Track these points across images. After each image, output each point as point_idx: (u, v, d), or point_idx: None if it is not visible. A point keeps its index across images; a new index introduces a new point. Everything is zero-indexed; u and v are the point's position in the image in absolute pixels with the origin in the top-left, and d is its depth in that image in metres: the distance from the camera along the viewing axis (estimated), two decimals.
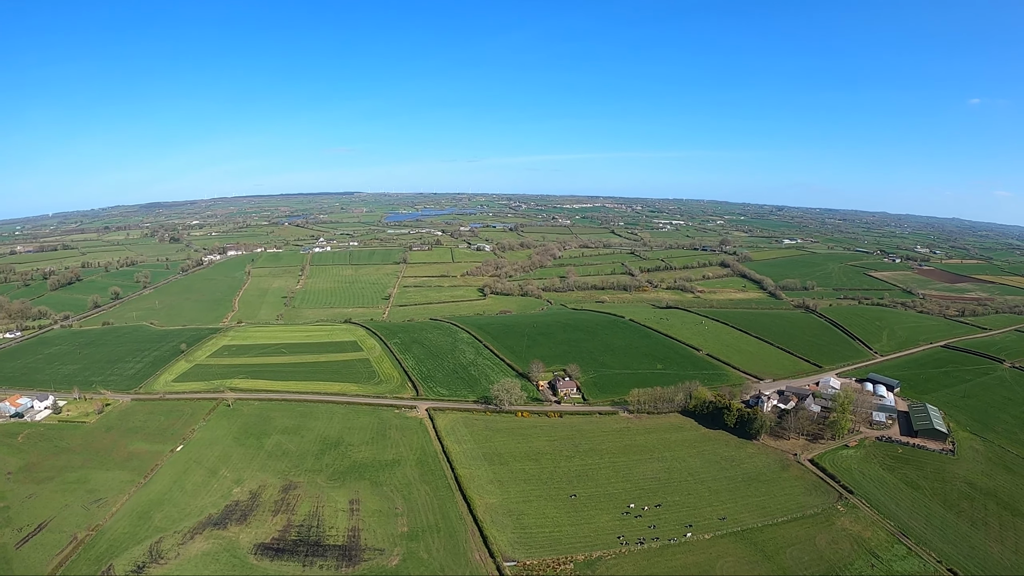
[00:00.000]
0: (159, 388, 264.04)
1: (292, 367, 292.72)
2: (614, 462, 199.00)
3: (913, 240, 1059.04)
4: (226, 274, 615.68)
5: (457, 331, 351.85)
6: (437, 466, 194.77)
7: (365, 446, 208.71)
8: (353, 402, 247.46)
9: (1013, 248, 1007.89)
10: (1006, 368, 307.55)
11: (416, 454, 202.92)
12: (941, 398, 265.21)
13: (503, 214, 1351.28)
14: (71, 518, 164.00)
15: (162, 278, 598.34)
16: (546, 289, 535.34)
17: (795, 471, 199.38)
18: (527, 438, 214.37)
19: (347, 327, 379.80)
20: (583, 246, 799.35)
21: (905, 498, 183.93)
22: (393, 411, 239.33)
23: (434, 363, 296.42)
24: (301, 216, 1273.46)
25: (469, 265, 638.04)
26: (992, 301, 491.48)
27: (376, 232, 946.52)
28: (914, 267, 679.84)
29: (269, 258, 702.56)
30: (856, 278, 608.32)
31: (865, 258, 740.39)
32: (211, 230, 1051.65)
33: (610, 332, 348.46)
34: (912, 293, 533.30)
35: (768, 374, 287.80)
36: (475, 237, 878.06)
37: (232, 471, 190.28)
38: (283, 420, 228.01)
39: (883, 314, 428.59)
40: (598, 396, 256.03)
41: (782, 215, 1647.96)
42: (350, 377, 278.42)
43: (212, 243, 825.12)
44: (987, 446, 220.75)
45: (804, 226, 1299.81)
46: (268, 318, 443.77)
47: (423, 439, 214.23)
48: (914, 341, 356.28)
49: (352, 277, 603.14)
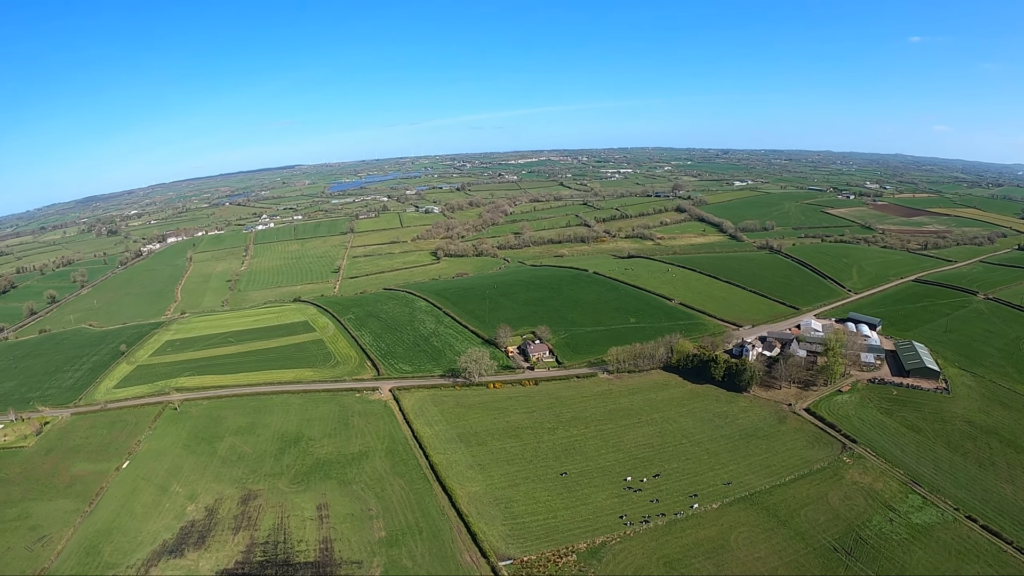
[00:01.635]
0: (100, 397, 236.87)
1: (241, 357, 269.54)
2: (601, 430, 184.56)
3: (861, 176, 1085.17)
4: (167, 263, 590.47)
5: (414, 299, 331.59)
6: (409, 454, 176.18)
7: (327, 439, 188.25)
8: (310, 390, 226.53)
9: (959, 181, 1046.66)
10: (980, 300, 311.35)
11: (384, 443, 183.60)
12: (924, 334, 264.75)
13: (448, 175, 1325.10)
14: (14, 563, 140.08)
15: (100, 275, 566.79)
16: (501, 247, 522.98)
17: (793, 423, 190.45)
18: (503, 412, 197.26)
19: (297, 306, 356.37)
20: (534, 200, 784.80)
21: (909, 443, 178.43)
22: (354, 395, 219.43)
23: (393, 337, 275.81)
24: (242, 195, 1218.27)
25: (419, 229, 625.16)
26: (951, 234, 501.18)
27: (320, 204, 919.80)
28: (869, 203, 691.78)
29: (211, 241, 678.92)
30: (814, 216, 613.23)
31: (819, 196, 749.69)
32: (150, 218, 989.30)
33: (576, 287, 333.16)
34: (871, 228, 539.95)
35: (746, 320, 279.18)
36: (422, 200, 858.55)
37: (184, 485, 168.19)
38: (236, 419, 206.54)
39: (848, 251, 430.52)
40: (573, 358, 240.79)
41: (728, 158, 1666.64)
42: (304, 362, 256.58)
43: (151, 232, 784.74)
44: (978, 382, 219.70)
45: (751, 167, 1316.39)
46: (213, 305, 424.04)
47: (390, 424, 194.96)
48: (884, 277, 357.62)
49: (299, 252, 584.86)
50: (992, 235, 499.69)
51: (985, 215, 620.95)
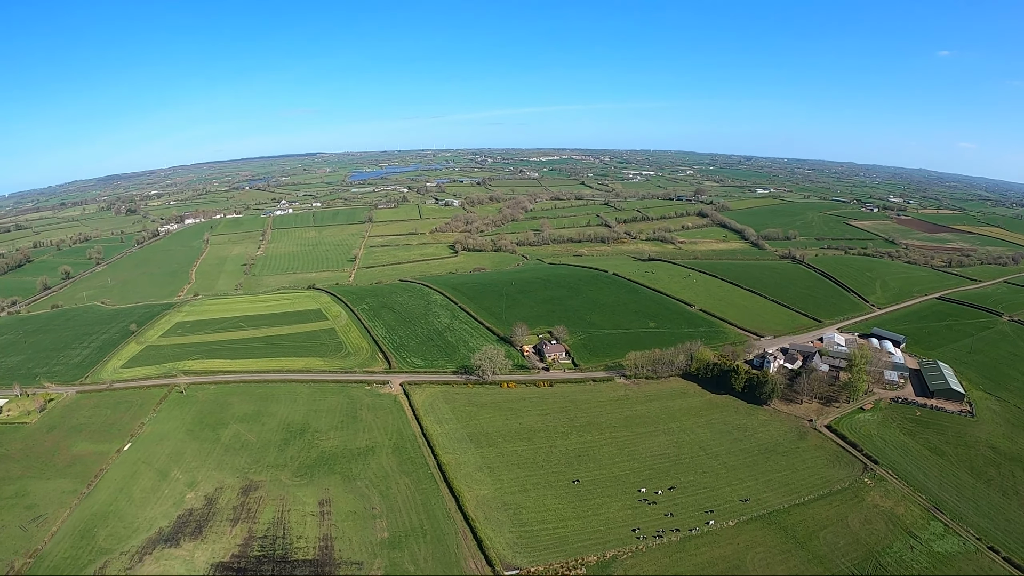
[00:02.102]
0: (106, 376, 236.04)
1: (251, 343, 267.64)
2: (616, 437, 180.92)
3: (884, 190, 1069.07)
4: (183, 244, 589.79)
5: (429, 292, 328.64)
6: (417, 452, 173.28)
7: (334, 432, 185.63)
8: (319, 380, 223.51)
9: (983, 199, 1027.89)
10: (1005, 321, 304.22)
11: (392, 439, 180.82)
12: (948, 354, 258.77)
13: (469, 168, 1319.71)
14: (7, 542, 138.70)
15: (116, 252, 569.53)
16: (520, 244, 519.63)
17: (813, 440, 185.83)
18: (516, 413, 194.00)
19: (311, 294, 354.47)
20: (554, 198, 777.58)
21: (932, 467, 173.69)
22: (364, 388, 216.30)
23: (406, 330, 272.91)
24: (263, 180, 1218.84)
25: (437, 221, 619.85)
26: (975, 252, 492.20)
27: (340, 192, 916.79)
28: (892, 217, 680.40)
29: (228, 224, 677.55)
30: (837, 227, 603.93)
31: (843, 207, 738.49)
32: (169, 199, 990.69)
33: (594, 288, 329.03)
34: (895, 243, 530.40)
35: (767, 330, 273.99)
36: (442, 193, 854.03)
37: (185, 472, 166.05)
38: (242, 406, 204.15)
39: (872, 264, 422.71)
40: (590, 360, 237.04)
41: (751, 165, 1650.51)
42: (315, 351, 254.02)
43: (170, 212, 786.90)
44: (1003, 406, 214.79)
45: (774, 176, 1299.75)
46: (227, 288, 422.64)
47: (399, 420, 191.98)
48: (908, 293, 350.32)
49: (316, 239, 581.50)
50: (1016, 255, 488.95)
51: (1010, 235, 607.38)
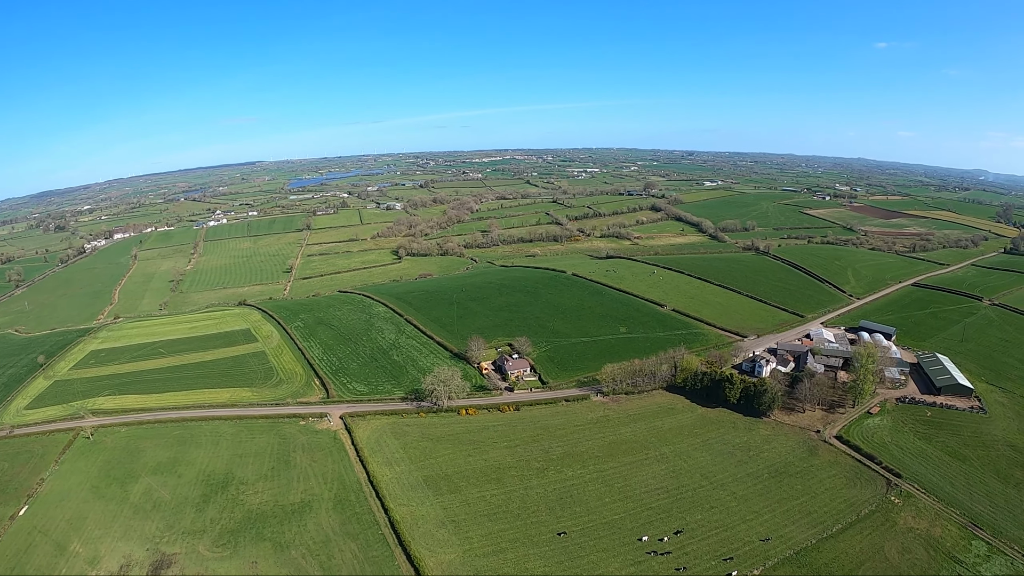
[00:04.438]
0: (7, 420, 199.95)
1: (170, 372, 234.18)
2: (602, 470, 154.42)
3: (828, 179, 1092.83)
4: (110, 261, 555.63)
5: (372, 304, 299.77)
6: (364, 505, 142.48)
7: (263, 483, 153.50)
8: (246, 415, 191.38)
9: (925, 185, 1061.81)
10: (987, 306, 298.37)
11: (333, 489, 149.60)
12: (941, 344, 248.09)
13: (411, 172, 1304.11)
14: None
15: (38, 273, 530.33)
16: (468, 246, 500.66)
17: (826, 455, 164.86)
18: (480, 447, 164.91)
19: (240, 311, 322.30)
20: (500, 198, 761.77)
21: (957, 475, 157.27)
22: (297, 423, 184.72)
23: (346, 349, 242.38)
24: (199, 190, 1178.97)
25: (379, 226, 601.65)
26: (933, 236, 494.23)
27: (278, 199, 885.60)
28: (845, 204, 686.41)
29: (159, 238, 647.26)
30: (793, 216, 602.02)
31: (795, 196, 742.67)
32: (101, 214, 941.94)
33: (554, 290, 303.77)
34: (853, 230, 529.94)
35: (749, 329, 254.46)
36: (384, 196, 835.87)
37: (86, 544, 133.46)
38: (156, 452, 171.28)
39: (838, 253, 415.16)
40: (559, 375, 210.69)
41: (693, 159, 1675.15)
42: (242, 379, 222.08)
43: (99, 228, 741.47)
44: (1010, 398, 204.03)
45: (718, 169, 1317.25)
46: (151, 308, 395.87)
47: (340, 463, 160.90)
48: (881, 281, 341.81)
49: (250, 251, 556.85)
50: (975, 238, 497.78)
51: (961, 218, 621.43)
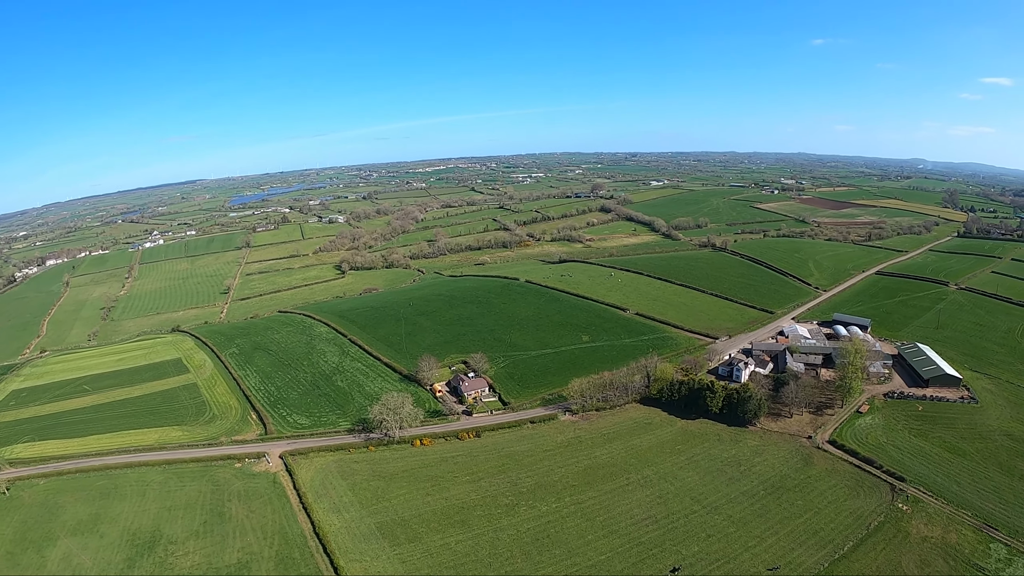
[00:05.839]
0: None
1: (95, 412, 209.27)
2: (580, 502, 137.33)
3: (772, 173, 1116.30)
4: (40, 289, 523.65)
5: (313, 324, 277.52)
6: (309, 565, 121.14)
7: (194, 542, 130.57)
8: (175, 459, 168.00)
9: (866, 175, 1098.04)
10: (954, 291, 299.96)
11: (274, 545, 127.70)
12: (916, 332, 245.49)
13: (354, 184, 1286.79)
14: None
15: None
16: (414, 256, 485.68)
17: (822, 463, 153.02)
18: (439, 484, 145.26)
19: (173, 339, 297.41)
20: (446, 206, 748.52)
21: (961, 472, 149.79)
22: (232, 466, 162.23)
23: (285, 377, 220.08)
24: (138, 211, 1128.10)
25: (321, 240, 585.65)
26: (886, 224, 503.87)
27: (217, 218, 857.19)
28: (795, 197, 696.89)
29: (93, 262, 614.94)
30: (745, 211, 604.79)
31: (743, 192, 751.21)
32: (36, 239, 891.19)
33: (508, 300, 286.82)
34: (806, 222, 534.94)
35: (720, 330, 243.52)
36: (326, 210, 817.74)
37: None
38: (76, 508, 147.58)
39: (796, 245, 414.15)
40: (521, 394, 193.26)
41: (637, 160, 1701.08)
42: (172, 416, 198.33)
43: (33, 254, 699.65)
44: (996, 384, 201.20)
45: (662, 168, 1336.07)
46: (80, 339, 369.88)
47: (281, 513, 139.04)
48: (844, 271, 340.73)
49: (187, 272, 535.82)
50: (927, 224, 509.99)
51: (908, 205, 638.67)
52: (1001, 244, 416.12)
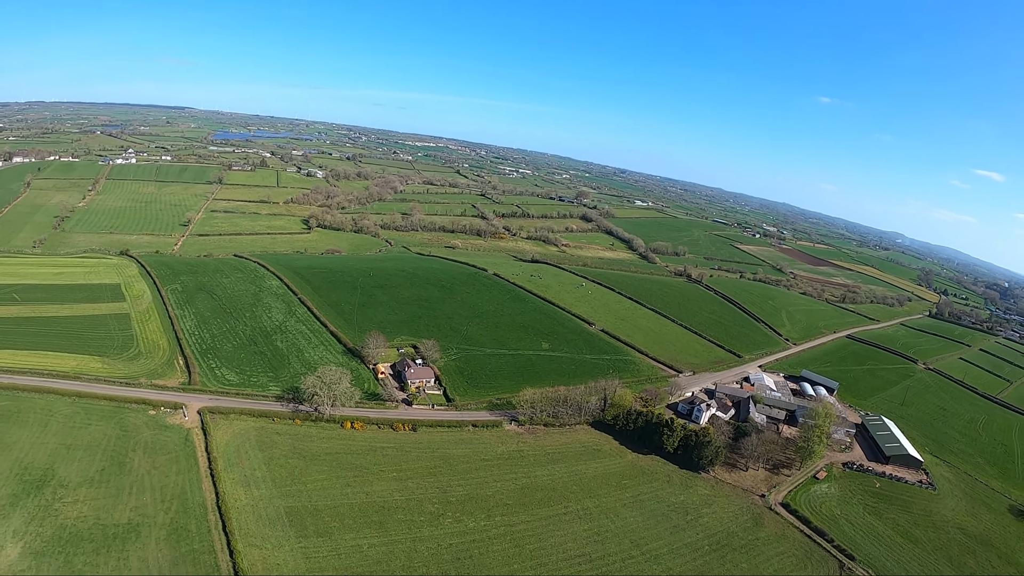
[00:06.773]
0: None
1: (18, 324, 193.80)
2: (511, 525, 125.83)
3: (756, 218, 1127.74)
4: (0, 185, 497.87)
5: (265, 275, 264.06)
6: (204, 541, 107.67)
7: (86, 489, 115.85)
8: (87, 393, 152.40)
9: (846, 238, 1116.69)
10: (922, 369, 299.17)
11: (170, 511, 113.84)
12: (881, 404, 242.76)
13: (341, 143, 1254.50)
14: None
15: None
16: (385, 227, 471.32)
17: (772, 526, 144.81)
18: (363, 475, 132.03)
19: (118, 262, 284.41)
20: (427, 183, 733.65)
21: (911, 560, 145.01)
22: (146, 412, 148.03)
23: (223, 325, 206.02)
24: (120, 126, 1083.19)
25: (295, 191, 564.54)
26: (860, 289, 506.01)
27: (197, 148, 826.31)
28: (775, 244, 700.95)
29: (60, 168, 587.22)
30: (724, 248, 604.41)
31: (726, 229, 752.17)
32: (10, 134, 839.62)
33: (472, 290, 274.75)
34: (783, 271, 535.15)
35: (684, 364, 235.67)
36: (307, 162, 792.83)
37: None
38: None
39: (770, 292, 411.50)
40: (468, 393, 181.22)
41: (625, 177, 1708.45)
42: (95, 345, 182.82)
43: (2, 148, 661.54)
44: (955, 474, 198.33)
45: (648, 190, 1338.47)
46: (24, 244, 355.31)
47: (186, 475, 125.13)
48: (815, 327, 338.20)
49: (152, 196, 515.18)
50: (900, 298, 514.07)
51: (884, 275, 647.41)
52: (971, 332, 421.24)
